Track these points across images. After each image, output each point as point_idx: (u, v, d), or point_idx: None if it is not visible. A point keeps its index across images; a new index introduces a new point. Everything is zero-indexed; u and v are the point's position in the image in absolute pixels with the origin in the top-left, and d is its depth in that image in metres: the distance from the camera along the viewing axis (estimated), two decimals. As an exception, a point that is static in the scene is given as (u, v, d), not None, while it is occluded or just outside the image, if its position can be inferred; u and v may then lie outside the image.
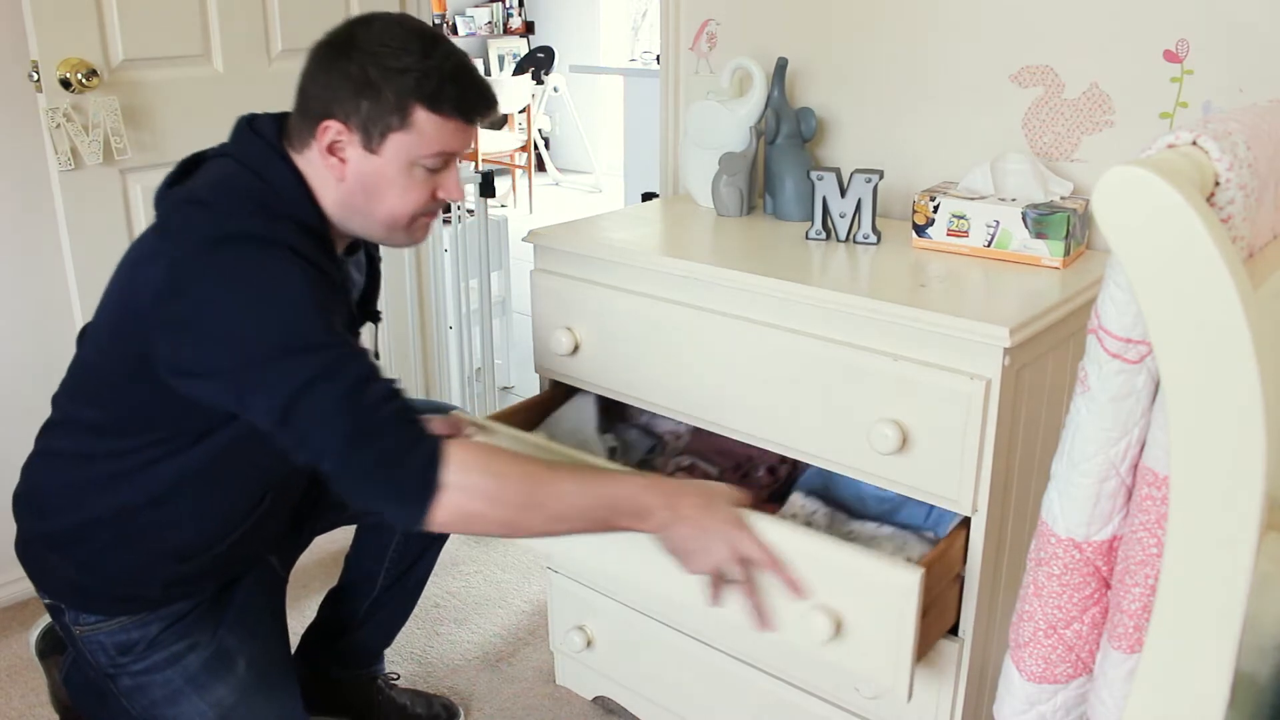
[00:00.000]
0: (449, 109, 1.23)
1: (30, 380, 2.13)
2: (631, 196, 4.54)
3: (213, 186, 1.25)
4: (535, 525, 1.18)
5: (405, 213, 1.28)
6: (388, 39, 1.22)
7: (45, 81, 1.89)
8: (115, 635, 1.36)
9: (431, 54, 1.22)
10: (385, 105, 1.22)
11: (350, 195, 1.27)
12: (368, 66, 1.21)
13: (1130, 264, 0.72)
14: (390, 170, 1.25)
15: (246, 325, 1.14)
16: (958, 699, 1.35)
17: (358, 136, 1.24)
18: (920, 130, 1.71)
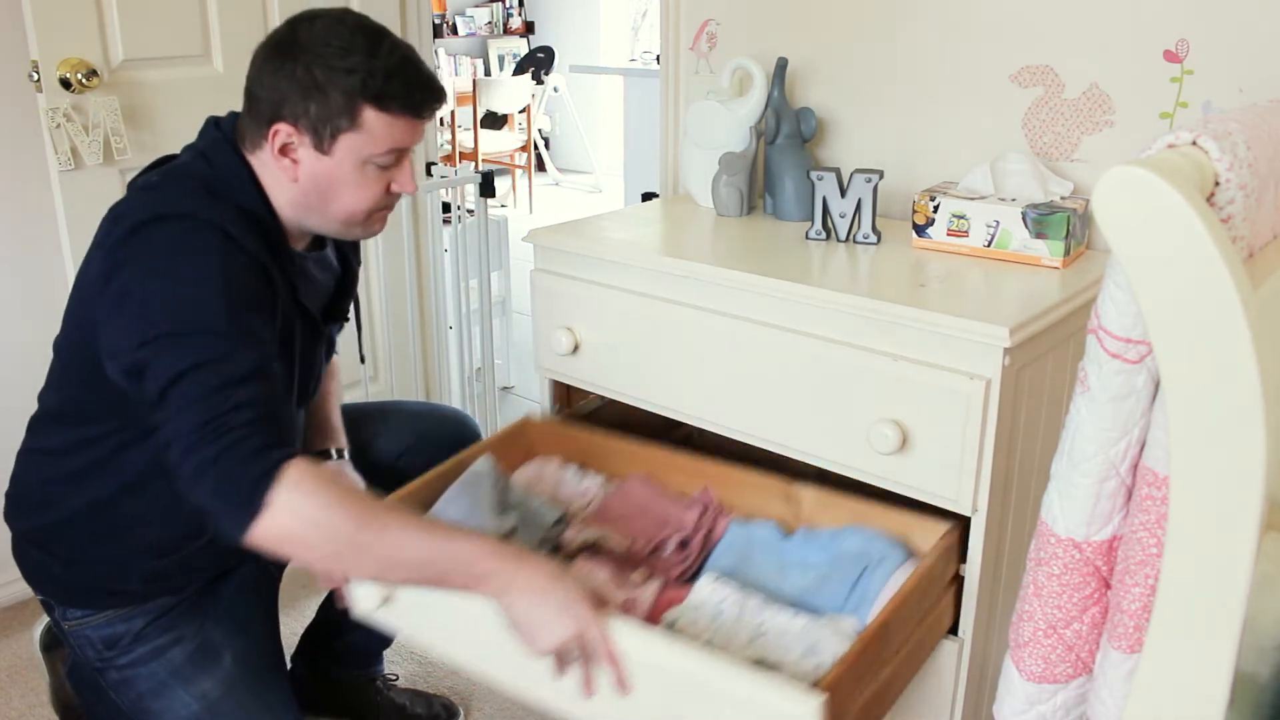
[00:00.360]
0: (397, 107, 1.23)
1: (30, 380, 2.13)
2: (631, 196, 4.54)
3: (163, 173, 1.28)
4: (363, 567, 1.12)
5: (361, 209, 1.29)
6: (331, 38, 1.22)
7: (45, 81, 1.89)
8: (101, 630, 1.38)
9: (376, 52, 1.22)
10: (334, 106, 1.22)
11: (304, 195, 1.28)
12: (313, 67, 1.21)
13: (1130, 264, 0.72)
14: (343, 170, 1.26)
15: (152, 303, 1.14)
16: (958, 699, 1.35)
17: (308, 138, 1.24)
18: (920, 130, 1.71)
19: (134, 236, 1.19)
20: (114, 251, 1.20)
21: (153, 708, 1.38)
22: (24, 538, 1.40)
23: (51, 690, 1.65)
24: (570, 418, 1.73)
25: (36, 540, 1.38)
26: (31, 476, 1.39)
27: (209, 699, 1.38)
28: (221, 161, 1.27)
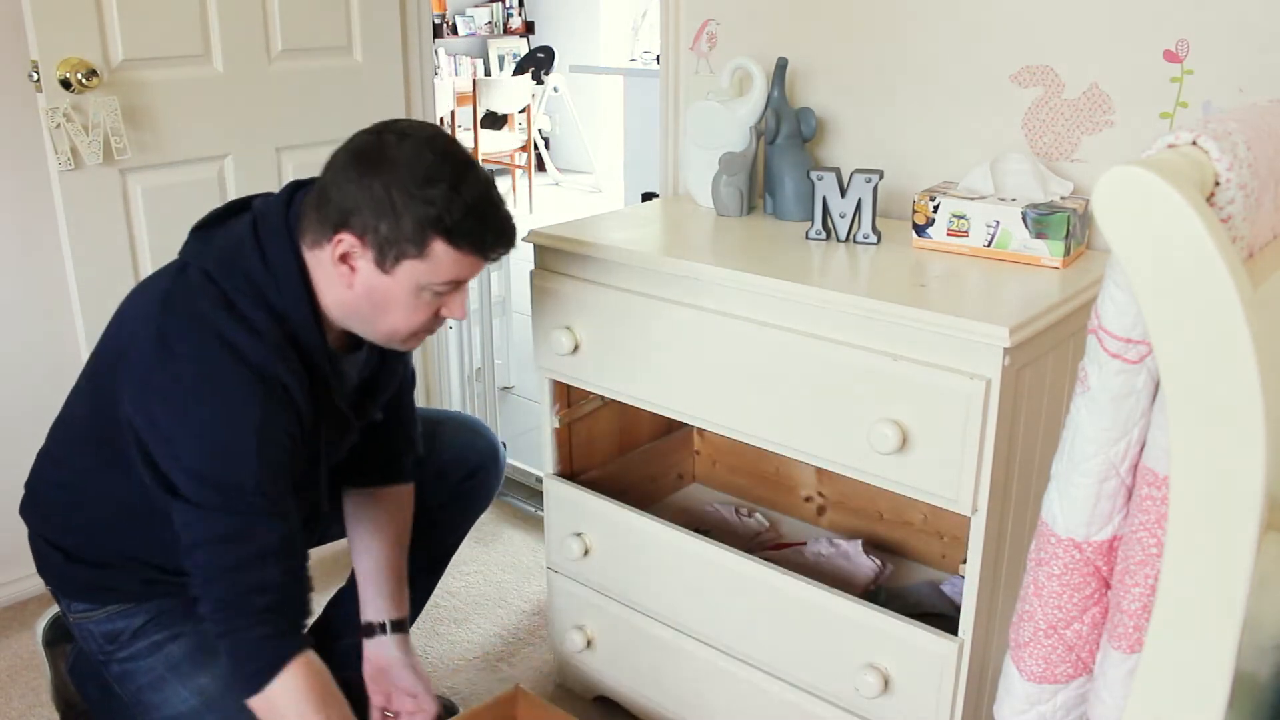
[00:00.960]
0: (467, 245, 1.24)
1: (30, 380, 2.13)
2: (631, 196, 4.55)
3: (220, 262, 1.28)
4: None
5: (406, 330, 1.31)
6: (417, 163, 1.21)
7: (45, 81, 1.89)
8: (103, 624, 1.42)
9: (459, 186, 1.22)
10: (404, 232, 1.22)
11: (355, 303, 1.29)
12: (393, 188, 1.21)
13: (1130, 264, 0.72)
14: (399, 291, 1.26)
15: (195, 449, 1.22)
16: (958, 699, 1.35)
17: (371, 254, 1.24)
18: (920, 130, 1.71)
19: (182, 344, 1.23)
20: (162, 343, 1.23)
21: (152, 700, 1.41)
22: (35, 531, 1.47)
23: (53, 687, 1.65)
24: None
25: (45, 536, 1.44)
26: (44, 480, 1.45)
27: (207, 694, 1.41)
28: (277, 260, 1.27)
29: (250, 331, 1.24)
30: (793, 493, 1.96)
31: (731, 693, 1.60)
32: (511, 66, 7.39)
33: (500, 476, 1.76)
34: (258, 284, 1.26)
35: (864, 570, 1.74)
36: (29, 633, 2.09)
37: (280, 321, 1.26)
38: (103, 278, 2.05)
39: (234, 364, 1.22)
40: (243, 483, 1.22)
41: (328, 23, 2.32)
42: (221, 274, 1.26)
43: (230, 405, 1.22)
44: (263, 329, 1.24)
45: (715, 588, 1.56)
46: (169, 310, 1.25)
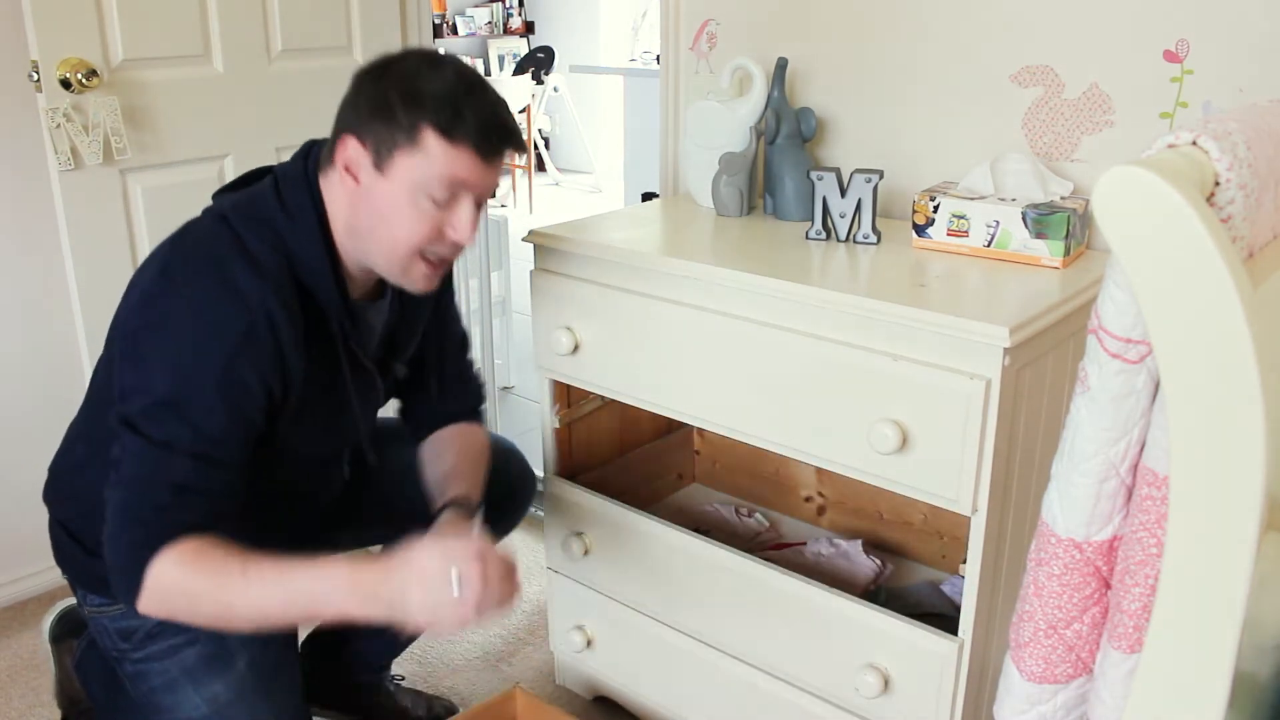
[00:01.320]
0: (460, 136, 1.20)
1: (30, 379, 2.13)
2: (631, 196, 4.55)
3: (236, 206, 1.28)
4: (240, 627, 1.25)
5: (405, 243, 1.25)
6: (421, 68, 1.22)
7: (45, 81, 1.89)
8: (117, 620, 1.40)
9: (456, 86, 1.21)
10: (397, 124, 1.20)
11: (357, 217, 1.26)
12: (390, 89, 1.21)
13: (1130, 264, 0.72)
14: (397, 194, 1.22)
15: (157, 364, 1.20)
16: (958, 699, 1.35)
17: (369, 156, 1.23)
18: (920, 130, 1.71)
19: (172, 283, 1.22)
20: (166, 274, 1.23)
21: (163, 703, 1.40)
22: (55, 519, 1.44)
23: (56, 683, 1.65)
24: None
25: (64, 524, 1.43)
26: (66, 462, 1.44)
27: (219, 702, 1.39)
28: (293, 201, 1.27)
29: (252, 268, 1.22)
30: (793, 493, 1.96)
31: (731, 693, 1.60)
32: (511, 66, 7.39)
33: (528, 504, 1.72)
34: (271, 222, 1.25)
35: (864, 570, 1.74)
36: (29, 633, 2.09)
37: (289, 261, 1.25)
38: (103, 278, 2.05)
39: (226, 299, 1.20)
40: (197, 419, 1.19)
41: (328, 23, 2.32)
42: (236, 216, 1.26)
43: (209, 339, 1.19)
44: (267, 266, 1.22)
45: (715, 588, 1.56)
46: (177, 247, 1.26)
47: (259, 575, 1.18)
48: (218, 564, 1.18)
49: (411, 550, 1.18)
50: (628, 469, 1.93)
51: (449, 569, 1.15)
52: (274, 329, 1.22)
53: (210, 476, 1.21)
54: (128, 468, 1.20)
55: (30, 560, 2.19)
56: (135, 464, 1.19)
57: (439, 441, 1.57)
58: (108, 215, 2.04)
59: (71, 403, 2.14)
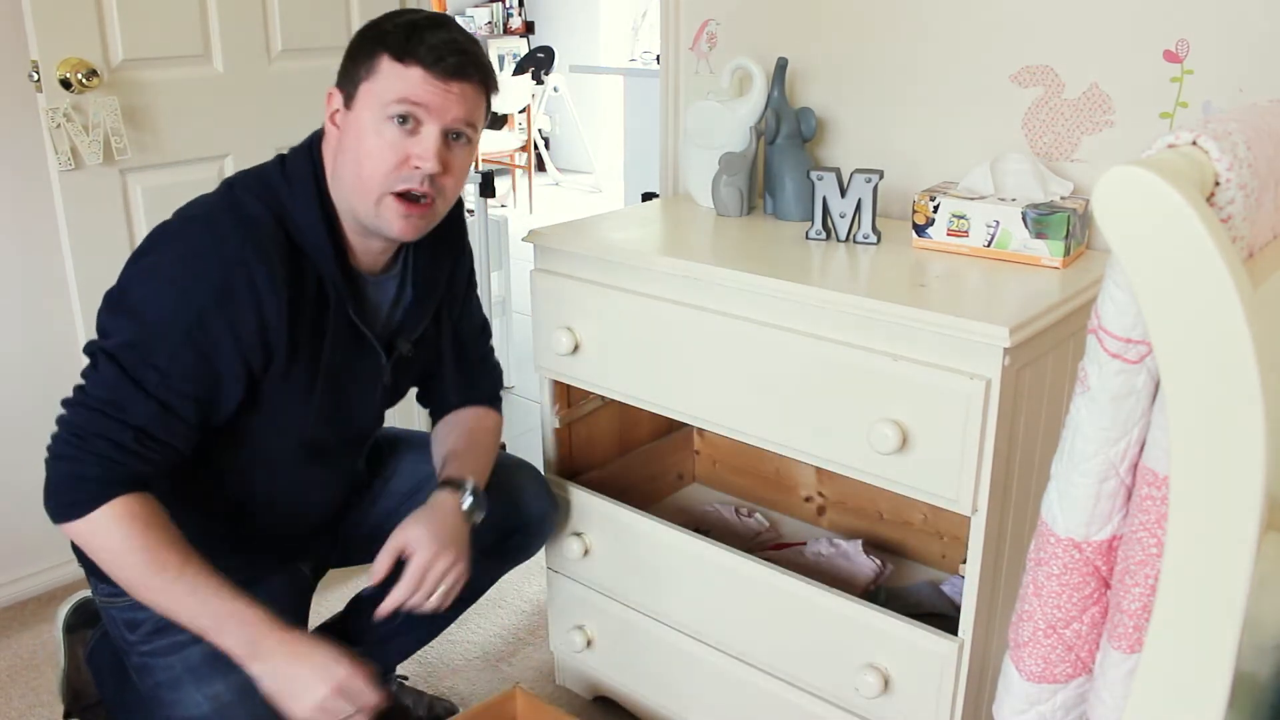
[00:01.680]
0: (410, 57, 1.23)
1: (30, 380, 2.13)
2: (631, 196, 4.54)
3: (243, 174, 1.34)
4: (152, 604, 1.27)
5: (373, 174, 1.26)
6: (392, 13, 1.29)
7: (45, 81, 1.89)
8: (124, 612, 1.41)
9: (418, 18, 1.26)
10: (360, 59, 1.27)
11: (339, 167, 1.30)
12: (361, 33, 1.28)
13: (1130, 264, 0.72)
14: (363, 125, 1.26)
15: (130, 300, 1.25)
16: (958, 699, 1.35)
17: (342, 97, 1.29)
18: (920, 130, 1.71)
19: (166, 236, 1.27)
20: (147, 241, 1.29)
21: (166, 699, 1.41)
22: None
23: (64, 675, 1.65)
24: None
25: None
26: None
27: (220, 701, 1.39)
28: (294, 168, 1.32)
29: (240, 225, 1.25)
30: (793, 493, 1.96)
31: (731, 692, 1.60)
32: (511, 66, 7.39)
33: (545, 538, 1.70)
34: (272, 187, 1.30)
35: (864, 570, 1.74)
36: (29, 633, 2.10)
37: (283, 222, 1.28)
38: (103, 278, 2.04)
39: (208, 252, 1.23)
40: (163, 362, 1.22)
41: (328, 23, 2.32)
42: (239, 180, 1.32)
43: (186, 288, 1.22)
44: (256, 224, 1.26)
45: (715, 588, 1.56)
46: (183, 210, 1.31)
47: (190, 581, 1.23)
48: (157, 548, 1.22)
49: (313, 650, 1.25)
50: (628, 469, 1.93)
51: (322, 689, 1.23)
52: (253, 285, 1.23)
53: (170, 428, 1.24)
54: (93, 390, 1.23)
55: (30, 560, 2.19)
56: (102, 389, 1.23)
57: (448, 424, 1.60)
58: (108, 215, 2.04)
59: (71, 403, 2.15)
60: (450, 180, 1.30)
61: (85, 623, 1.66)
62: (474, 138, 1.32)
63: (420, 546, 1.37)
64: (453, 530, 1.41)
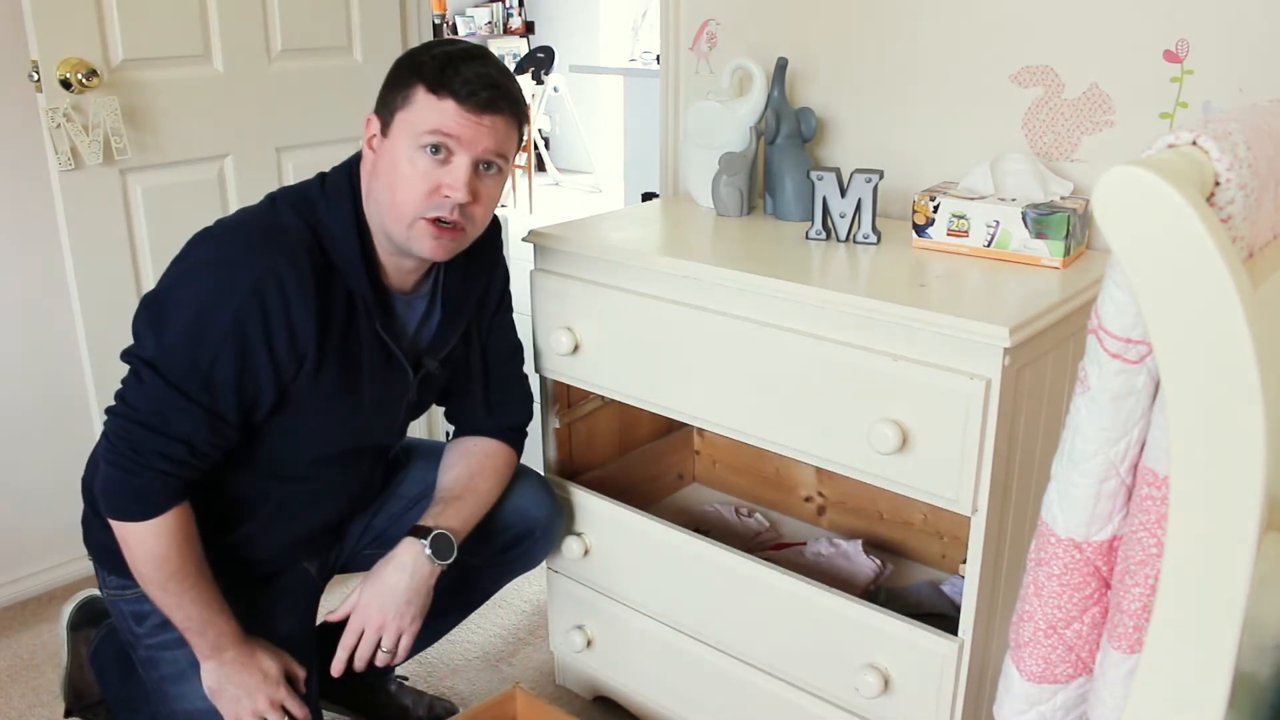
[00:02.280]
0: (445, 90, 1.27)
1: (30, 379, 2.13)
2: (631, 196, 4.54)
3: (288, 187, 1.38)
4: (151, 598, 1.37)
5: (406, 199, 1.29)
6: (432, 44, 1.32)
7: (45, 81, 1.89)
8: (132, 604, 1.43)
9: (456, 51, 1.29)
10: (396, 87, 1.30)
11: (374, 189, 1.33)
12: (400, 63, 1.32)
13: (1130, 264, 0.72)
14: (397, 152, 1.29)
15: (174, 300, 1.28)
16: (958, 699, 1.35)
17: (379, 124, 1.32)
18: (920, 130, 1.71)
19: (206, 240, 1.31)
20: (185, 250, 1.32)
21: (171, 691, 1.43)
22: (86, 495, 1.47)
23: (66, 674, 1.66)
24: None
25: (91, 500, 1.46)
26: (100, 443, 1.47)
27: None
28: (333, 186, 1.36)
29: (273, 233, 1.29)
30: (793, 493, 1.96)
31: (731, 692, 1.60)
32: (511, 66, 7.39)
33: (549, 548, 1.70)
34: (309, 199, 1.34)
35: (864, 570, 1.74)
36: (29, 633, 2.10)
37: (318, 235, 1.32)
38: (103, 278, 2.05)
39: (240, 259, 1.27)
40: (205, 366, 1.26)
41: (328, 23, 2.32)
42: (281, 194, 1.36)
43: (220, 294, 1.26)
44: (290, 234, 1.29)
45: (715, 588, 1.56)
46: (224, 219, 1.35)
47: (193, 591, 1.35)
48: (184, 560, 1.33)
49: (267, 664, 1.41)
50: (628, 469, 1.93)
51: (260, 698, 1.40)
52: (283, 291, 1.26)
53: (217, 434, 1.30)
54: (139, 402, 1.28)
55: (30, 560, 2.19)
56: (148, 401, 1.27)
57: (457, 452, 1.59)
58: (108, 215, 2.04)
59: (71, 403, 2.15)
60: (480, 208, 1.34)
61: (89, 621, 1.67)
62: (505, 167, 1.35)
63: (358, 615, 1.46)
64: (406, 590, 1.44)
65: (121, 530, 1.32)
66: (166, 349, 1.27)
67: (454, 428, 1.65)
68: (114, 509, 1.31)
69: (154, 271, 2.11)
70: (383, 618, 1.44)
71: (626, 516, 1.66)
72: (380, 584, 1.44)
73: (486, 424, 1.60)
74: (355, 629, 1.45)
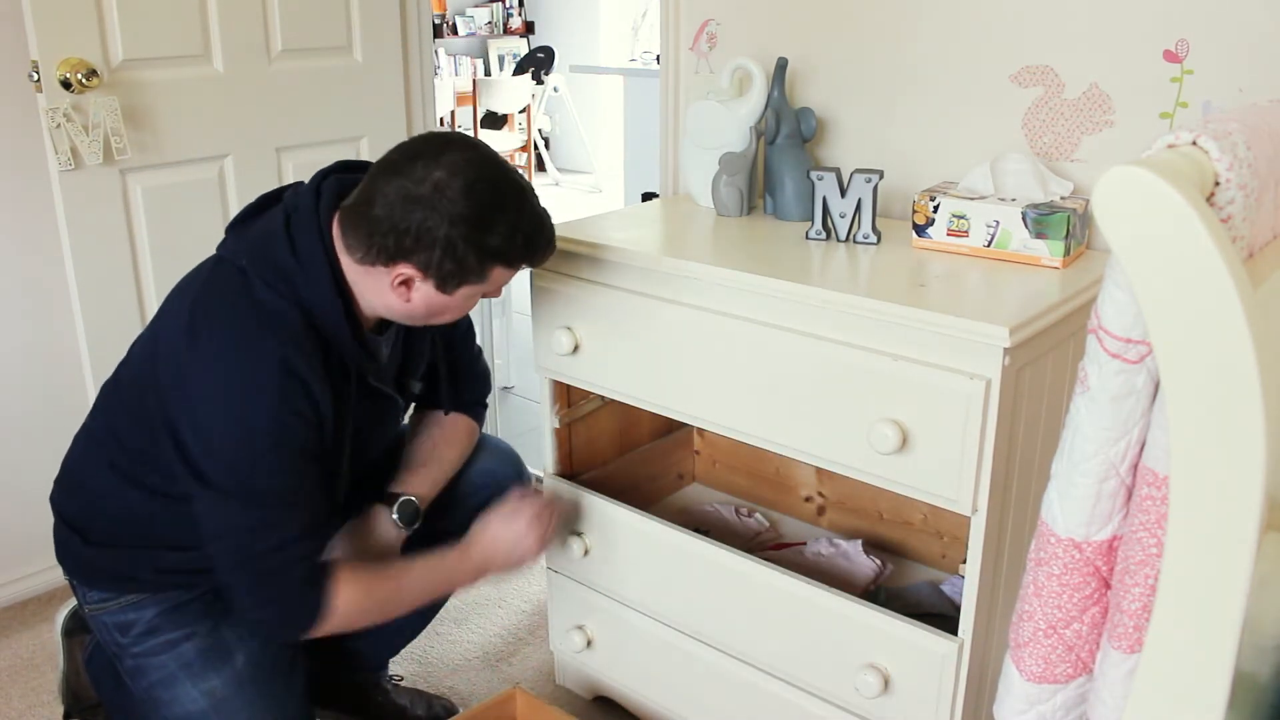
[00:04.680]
0: (521, 263, 1.34)
1: (30, 379, 2.13)
2: (631, 196, 4.54)
3: (251, 255, 1.32)
4: (398, 614, 1.46)
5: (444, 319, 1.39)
6: (474, 203, 1.25)
7: (45, 81, 1.89)
8: (115, 616, 1.44)
9: (517, 222, 1.29)
10: (468, 268, 1.29)
11: (408, 312, 1.35)
12: (456, 238, 1.26)
13: (1130, 264, 0.72)
14: (457, 302, 1.34)
15: (214, 436, 1.27)
16: (958, 699, 1.35)
17: (432, 282, 1.30)
18: (920, 130, 1.71)
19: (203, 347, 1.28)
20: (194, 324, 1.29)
21: (162, 697, 1.43)
22: (59, 514, 1.48)
23: (64, 678, 1.66)
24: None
25: (66, 518, 1.46)
26: (76, 457, 1.47)
27: (215, 696, 1.42)
28: (306, 253, 1.30)
29: (274, 323, 1.28)
30: (793, 493, 1.96)
31: (731, 692, 1.60)
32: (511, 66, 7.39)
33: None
34: (287, 274, 1.30)
35: (864, 570, 1.74)
36: (29, 633, 2.10)
37: (305, 313, 1.30)
38: (103, 278, 2.05)
39: (257, 357, 1.26)
40: (263, 473, 1.27)
41: (328, 23, 2.32)
42: (252, 266, 1.31)
43: (247, 402, 1.26)
44: (287, 320, 1.28)
45: (715, 588, 1.56)
46: (199, 305, 1.31)
47: (405, 577, 1.44)
48: (371, 581, 1.40)
49: (497, 530, 1.52)
50: (628, 469, 1.93)
51: (529, 537, 1.52)
52: (300, 377, 1.28)
53: (313, 506, 1.34)
54: (239, 526, 1.29)
55: (30, 560, 2.19)
56: (246, 521, 1.28)
57: (419, 422, 1.65)
58: (108, 215, 2.04)
59: (71, 403, 2.15)
60: None
61: (84, 627, 1.67)
62: None
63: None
64: (374, 546, 1.49)
65: (333, 628, 1.37)
66: (234, 477, 1.27)
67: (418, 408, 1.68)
68: (309, 628, 1.35)
69: (154, 271, 2.11)
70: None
71: (626, 516, 1.66)
72: (347, 550, 1.47)
73: (449, 401, 1.63)
74: None
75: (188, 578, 1.44)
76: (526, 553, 1.53)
